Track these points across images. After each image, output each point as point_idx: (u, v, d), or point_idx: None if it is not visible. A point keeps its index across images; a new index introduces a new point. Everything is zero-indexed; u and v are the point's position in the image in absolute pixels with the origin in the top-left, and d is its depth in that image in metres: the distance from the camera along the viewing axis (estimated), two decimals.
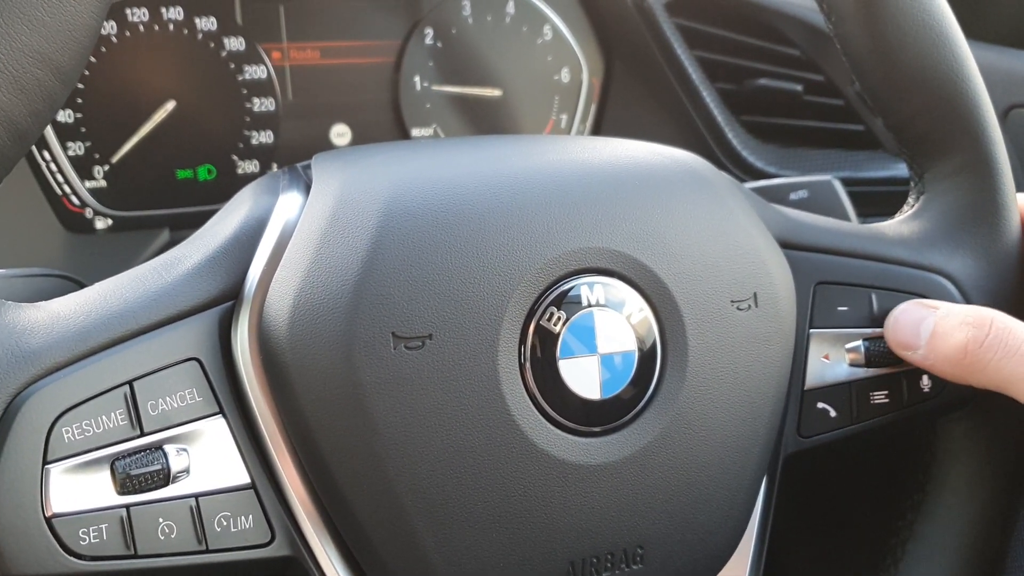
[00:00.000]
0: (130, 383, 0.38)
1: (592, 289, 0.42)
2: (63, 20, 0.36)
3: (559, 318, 0.41)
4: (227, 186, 0.76)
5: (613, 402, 0.42)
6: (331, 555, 0.41)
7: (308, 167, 0.46)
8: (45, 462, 0.36)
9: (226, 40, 0.74)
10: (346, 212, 0.41)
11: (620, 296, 0.42)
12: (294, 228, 0.41)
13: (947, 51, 0.50)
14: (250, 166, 0.76)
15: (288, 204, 0.43)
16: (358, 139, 0.79)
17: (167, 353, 0.39)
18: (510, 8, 0.82)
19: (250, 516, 0.40)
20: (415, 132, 0.81)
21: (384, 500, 0.39)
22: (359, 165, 0.44)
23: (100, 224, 0.72)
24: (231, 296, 0.41)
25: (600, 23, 0.85)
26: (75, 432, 0.37)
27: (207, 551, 0.39)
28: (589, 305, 0.41)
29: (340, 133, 0.79)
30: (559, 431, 0.41)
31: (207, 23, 0.73)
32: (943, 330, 0.47)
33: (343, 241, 0.40)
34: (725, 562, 0.47)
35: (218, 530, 0.39)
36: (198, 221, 0.74)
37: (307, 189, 0.43)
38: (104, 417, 0.37)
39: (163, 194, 0.74)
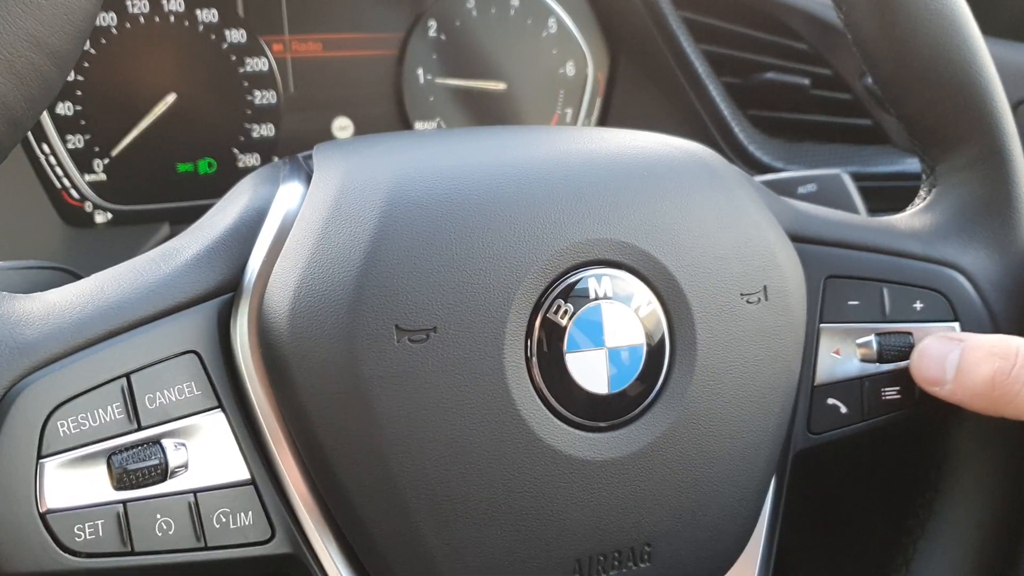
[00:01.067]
0: (127, 376, 0.37)
1: (600, 281, 0.41)
2: (59, 3, 0.36)
3: (566, 311, 0.40)
4: (228, 180, 0.74)
5: (621, 397, 0.41)
6: (332, 552, 0.40)
7: (309, 157, 0.45)
8: (40, 456, 0.36)
9: (227, 32, 0.73)
10: (348, 202, 0.40)
11: (628, 289, 0.41)
12: (295, 218, 0.41)
13: (960, 41, 0.49)
14: (251, 159, 0.75)
15: (289, 194, 0.42)
16: (360, 132, 0.79)
17: (165, 346, 0.38)
18: (514, 1, 0.81)
19: (250, 513, 0.39)
20: (418, 126, 0.80)
21: (386, 496, 0.39)
22: (361, 155, 0.43)
23: (100, 218, 0.72)
24: (230, 288, 0.40)
25: (605, 16, 0.84)
26: (71, 426, 0.36)
27: (206, 548, 0.38)
28: (597, 298, 0.41)
29: (342, 126, 0.78)
30: (566, 426, 0.40)
31: (208, 15, 0.72)
32: (969, 364, 0.45)
33: (345, 231, 0.39)
34: (734, 560, 0.46)
35: (217, 527, 0.38)
36: (198, 215, 0.73)
37: (308, 179, 0.42)
38: (100, 411, 0.37)
39: (163, 188, 0.73)
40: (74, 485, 0.36)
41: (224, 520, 0.39)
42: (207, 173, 0.74)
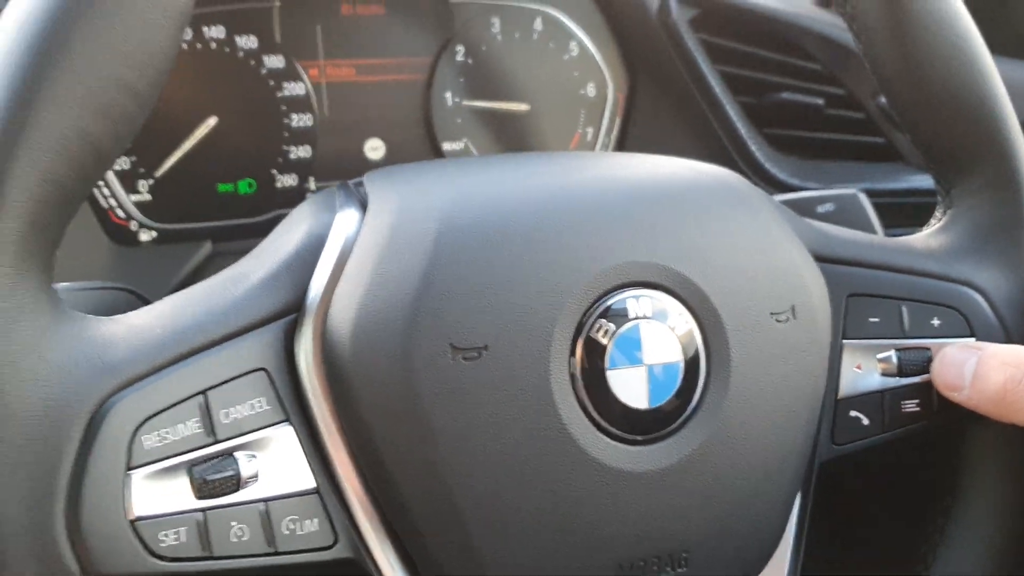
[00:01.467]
0: (204, 392, 0.40)
1: (638, 302, 0.43)
2: (144, 49, 0.39)
3: (607, 330, 0.43)
4: (266, 199, 0.78)
5: (659, 412, 0.44)
6: (390, 557, 0.43)
7: (359, 184, 0.48)
8: (127, 468, 0.38)
9: (266, 58, 0.76)
10: (404, 228, 0.43)
11: (665, 308, 0.44)
12: (353, 244, 0.43)
13: (975, 70, 0.52)
14: (289, 180, 0.78)
15: (346, 221, 0.45)
16: (391, 153, 0.82)
17: (237, 364, 0.41)
18: (538, 25, 0.84)
19: (315, 520, 0.42)
20: (446, 146, 0.83)
21: (440, 504, 0.41)
22: (414, 183, 0.46)
23: (144, 237, 0.75)
24: (294, 309, 0.43)
25: (625, 39, 0.87)
26: (154, 440, 0.39)
27: (276, 553, 0.41)
28: (636, 317, 0.43)
29: (374, 147, 0.81)
30: (608, 439, 0.43)
31: (248, 41, 0.75)
32: (984, 371, 0.48)
33: (402, 256, 0.42)
34: (764, 565, 0.48)
35: (286, 533, 0.41)
36: (239, 233, 0.77)
37: (362, 206, 0.45)
38: (181, 425, 0.40)
39: (205, 207, 0.76)
40: (159, 495, 0.39)
41: (292, 527, 0.41)
42: (247, 193, 0.77)
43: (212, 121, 0.75)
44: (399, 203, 0.44)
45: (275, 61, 0.76)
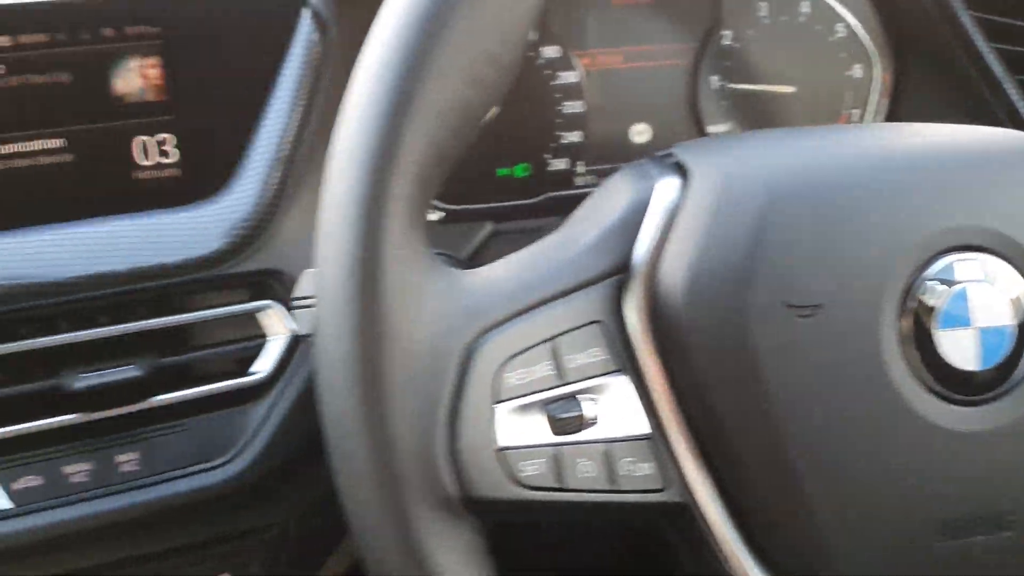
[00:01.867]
0: (553, 338, 0.44)
1: (967, 265, 0.44)
2: (510, 26, 0.43)
3: (936, 292, 0.43)
4: (540, 182, 0.82)
5: (990, 373, 0.44)
6: (717, 506, 0.45)
7: (668, 155, 0.50)
8: (494, 402, 0.43)
9: (543, 49, 0.80)
10: (733, 192, 0.45)
11: (994, 271, 0.44)
12: (677, 208, 0.46)
13: None
14: (560, 164, 0.82)
15: (666, 187, 0.47)
16: (657, 137, 0.84)
17: (577, 315, 0.45)
18: (804, 8, 0.84)
19: (650, 464, 0.45)
20: (711, 129, 0.84)
21: (771, 457, 0.43)
22: (733, 151, 0.48)
23: (433, 216, 0.81)
24: (622, 269, 0.46)
25: (893, 20, 0.85)
26: (515, 378, 0.43)
27: (617, 491, 0.44)
28: (965, 280, 0.44)
29: (640, 132, 0.84)
30: (937, 400, 0.43)
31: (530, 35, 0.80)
32: None
33: (733, 218, 0.44)
34: None
35: (624, 473, 0.44)
36: (516, 214, 0.81)
37: (680, 174, 0.48)
38: (536, 367, 0.44)
39: (485, 189, 0.81)
40: (519, 428, 0.43)
41: (629, 468, 0.44)
42: (523, 176, 0.82)
43: (494, 110, 0.80)
44: (724, 169, 0.46)
45: (551, 51, 0.81)
